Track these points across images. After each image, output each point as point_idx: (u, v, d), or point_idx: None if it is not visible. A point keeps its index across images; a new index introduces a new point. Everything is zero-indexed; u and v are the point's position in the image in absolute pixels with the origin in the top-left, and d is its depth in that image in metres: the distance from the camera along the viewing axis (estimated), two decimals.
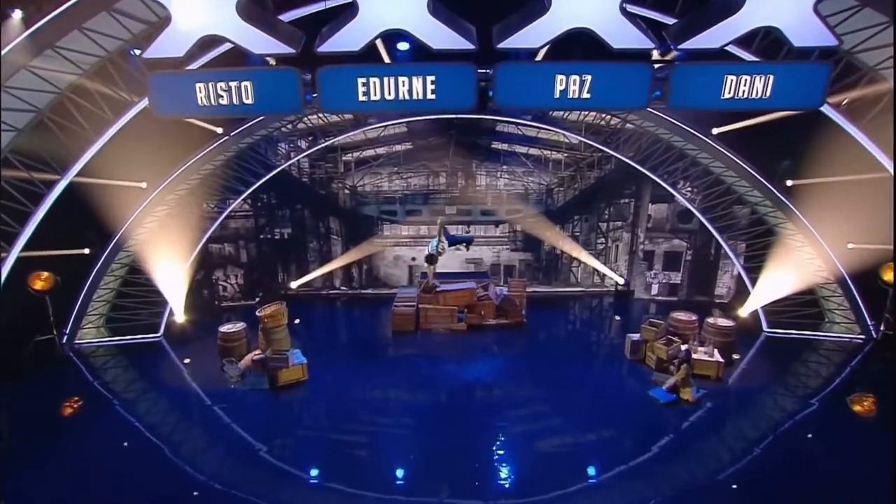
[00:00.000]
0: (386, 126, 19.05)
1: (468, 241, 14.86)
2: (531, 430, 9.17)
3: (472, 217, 19.80)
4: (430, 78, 6.10)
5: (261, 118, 14.06)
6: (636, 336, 12.49)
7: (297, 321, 13.95)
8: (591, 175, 20.47)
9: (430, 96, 6.15)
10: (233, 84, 6.05)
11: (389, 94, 6.16)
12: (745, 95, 5.89)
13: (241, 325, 12.06)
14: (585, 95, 6.03)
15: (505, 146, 20.09)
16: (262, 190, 18.06)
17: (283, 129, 14.79)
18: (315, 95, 6.32)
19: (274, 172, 14.80)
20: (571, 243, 18.75)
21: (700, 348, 12.23)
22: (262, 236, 18.69)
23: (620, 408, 10.02)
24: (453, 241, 14.53)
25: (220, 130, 13.29)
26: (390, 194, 20.03)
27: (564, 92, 6.07)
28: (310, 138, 18.43)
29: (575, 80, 5.98)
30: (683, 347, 12.22)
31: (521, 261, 20.46)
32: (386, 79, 6.13)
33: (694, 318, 13.55)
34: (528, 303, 15.07)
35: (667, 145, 15.17)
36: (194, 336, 13.40)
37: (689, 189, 17.18)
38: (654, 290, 19.50)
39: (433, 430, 9.08)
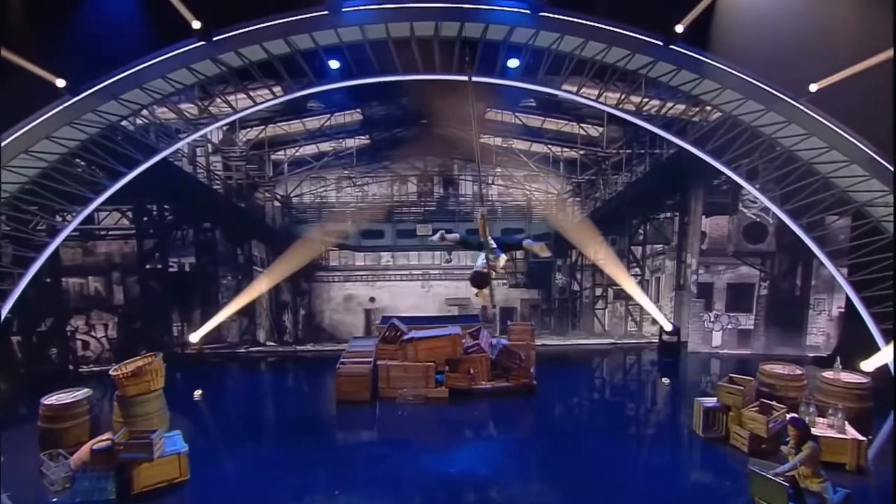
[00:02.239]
0: (332, 113, 17.83)
1: (513, 246, 10.10)
2: None
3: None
4: None
5: (134, 68, 11.82)
6: (710, 401, 10.97)
7: (198, 393, 13.08)
8: (618, 180, 19.27)
9: None
10: None
11: None
12: None
13: (82, 393, 9.36)
14: None
15: (498, 141, 18.96)
16: (153, 199, 16.41)
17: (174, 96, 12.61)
18: None
19: (157, 158, 12.44)
20: (621, 273, 16.92)
21: (820, 419, 9.87)
22: (148, 267, 16.61)
23: None
24: (511, 245, 9.40)
25: (61, 83, 10.89)
26: (340, 208, 18.83)
27: None
28: (226, 128, 16.97)
29: None
30: (791, 417, 9.86)
31: (525, 301, 19.30)
32: None
33: (800, 371, 11.32)
34: (537, 358, 14.05)
35: (732, 122, 13.69)
36: (11, 417, 11.58)
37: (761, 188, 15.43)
38: (716, 339, 18.08)
39: None
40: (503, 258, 8.42)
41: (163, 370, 10.69)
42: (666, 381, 14.29)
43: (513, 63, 14.47)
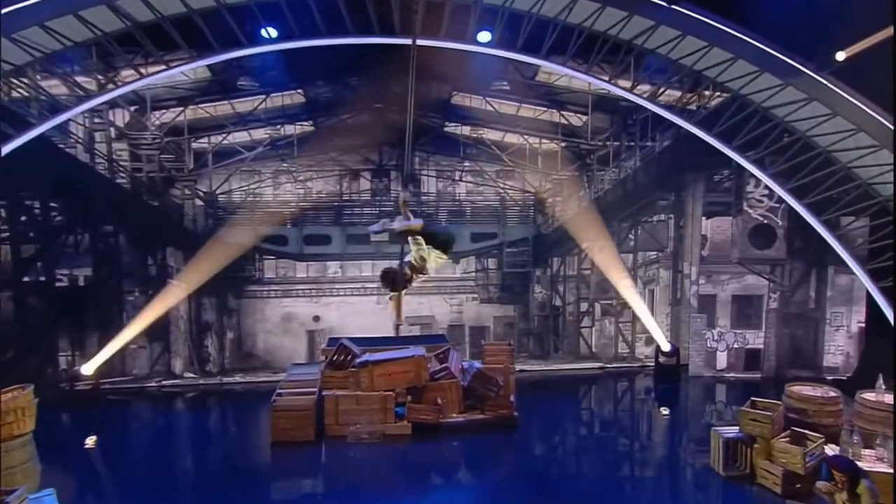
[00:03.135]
0: (269, 94, 16.92)
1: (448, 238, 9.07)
2: None
3: None
4: None
5: None
6: (731, 431, 10.28)
7: (91, 440, 11.86)
8: (605, 176, 19.02)
9: None
10: None
11: None
12: None
13: None
14: None
15: (467, 130, 18.79)
16: (35, 193, 14.93)
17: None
18: None
19: (29, 136, 10.87)
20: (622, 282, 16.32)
21: (866, 451, 9.02)
22: (27, 280, 15.14)
23: None
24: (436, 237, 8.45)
25: None
26: (277, 208, 18.08)
27: None
28: (133, 109, 16.12)
29: None
30: (832, 450, 9.19)
31: (499, 319, 19.38)
32: None
33: (834, 393, 10.50)
34: (516, 384, 13.24)
35: (741, 103, 13.35)
36: None
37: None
38: (721, 361, 17.62)
39: None
40: (422, 248, 6.93)
41: (32, 409, 9.02)
42: (665, 411, 14.08)
43: (484, 37, 13.90)
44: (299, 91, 17.27)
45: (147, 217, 16.08)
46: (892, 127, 11.86)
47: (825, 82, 12.06)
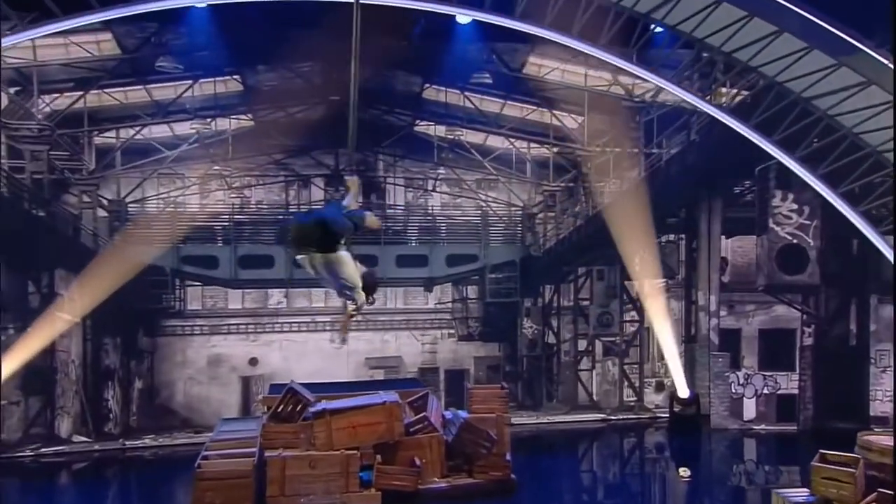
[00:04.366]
0: (196, 79, 16.18)
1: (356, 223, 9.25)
2: None
3: (381, 272, 17.26)
4: None
5: None
6: (799, 494, 9.76)
7: None
8: (604, 188, 18.70)
9: None
10: None
11: None
12: None
13: None
14: None
15: (441, 130, 18.56)
16: None
17: None
18: None
19: None
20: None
21: None
22: None
23: None
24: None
25: None
26: (205, 222, 17.44)
27: None
28: (13, 91, 15.08)
29: None
30: None
31: (480, 360, 18.97)
32: None
33: None
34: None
35: (777, 92, 12.85)
36: None
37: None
38: (749, 410, 17.35)
39: None
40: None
41: None
42: (685, 472, 13.59)
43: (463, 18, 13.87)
44: (236, 77, 16.63)
45: (29, 231, 14.99)
46: None
47: (887, 63, 11.56)
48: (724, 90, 14.67)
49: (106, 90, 15.78)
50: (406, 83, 17.19)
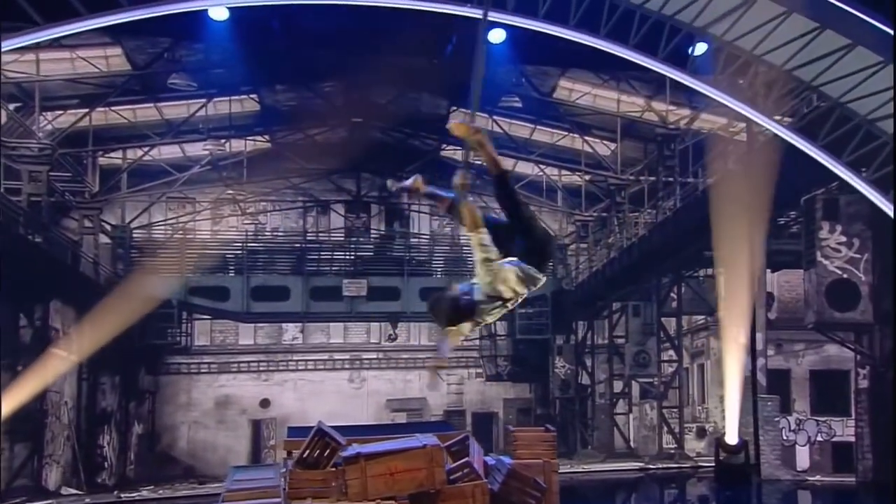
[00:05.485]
0: (210, 98, 15.80)
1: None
2: None
3: (403, 306, 16.64)
4: None
5: None
6: None
7: None
8: (640, 218, 18.21)
9: None
10: None
11: None
12: None
13: None
14: None
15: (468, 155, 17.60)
16: None
17: None
18: None
19: None
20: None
21: None
22: None
23: None
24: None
25: None
26: (216, 250, 16.98)
27: None
28: (13, 107, 14.55)
29: None
30: None
31: (510, 402, 18.46)
32: None
33: None
34: None
35: (840, 115, 12.09)
36: None
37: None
38: (802, 459, 16.41)
39: None
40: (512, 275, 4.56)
41: None
42: None
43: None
44: (252, 96, 16.18)
45: (23, 258, 14.07)
46: None
47: None
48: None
49: (113, 108, 15.29)
50: (432, 105, 16.71)
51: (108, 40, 13.34)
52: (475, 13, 11.81)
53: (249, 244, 16.60)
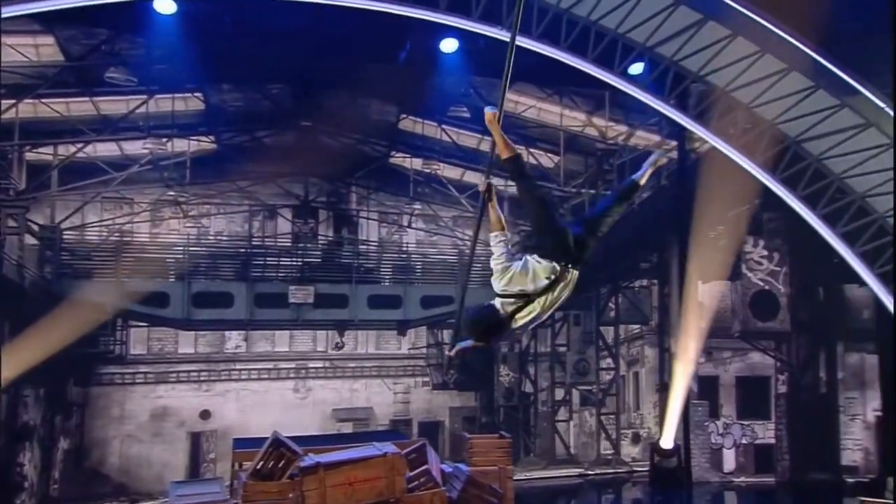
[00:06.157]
0: (152, 94, 15.17)
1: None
2: None
3: (351, 313, 16.37)
4: None
5: None
6: None
7: None
8: None
9: None
10: None
11: None
12: None
13: None
14: None
15: (418, 164, 17.95)
16: None
17: None
18: None
19: None
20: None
21: None
22: None
23: None
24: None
25: None
26: (155, 253, 16.47)
27: None
28: None
29: None
30: None
31: (455, 410, 18.36)
32: None
33: None
34: None
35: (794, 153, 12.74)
36: None
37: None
38: (728, 461, 17.05)
39: None
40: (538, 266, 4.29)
41: None
42: None
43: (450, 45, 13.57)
44: (198, 95, 15.62)
45: None
46: None
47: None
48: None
49: (44, 100, 14.36)
50: (381, 112, 16.52)
51: (38, 28, 12.58)
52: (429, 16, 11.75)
53: (191, 248, 15.97)
